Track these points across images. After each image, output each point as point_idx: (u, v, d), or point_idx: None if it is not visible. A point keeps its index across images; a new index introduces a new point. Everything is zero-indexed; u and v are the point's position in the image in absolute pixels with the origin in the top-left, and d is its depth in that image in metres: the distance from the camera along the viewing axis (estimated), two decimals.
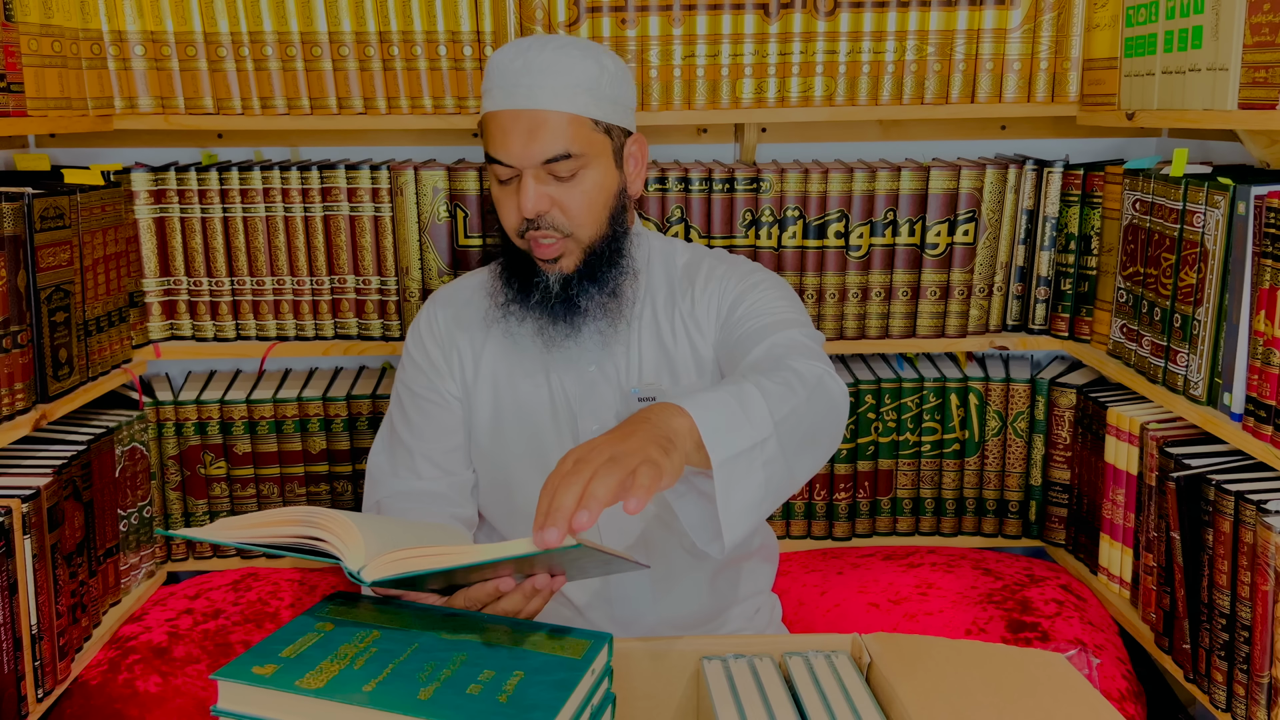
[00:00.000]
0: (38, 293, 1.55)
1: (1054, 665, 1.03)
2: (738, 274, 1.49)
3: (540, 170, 1.34)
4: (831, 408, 1.23)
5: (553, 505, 0.93)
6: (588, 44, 1.40)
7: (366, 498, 1.54)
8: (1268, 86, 1.39)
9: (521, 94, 1.34)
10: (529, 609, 1.08)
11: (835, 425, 1.25)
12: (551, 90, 1.33)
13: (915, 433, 2.04)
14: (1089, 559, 1.93)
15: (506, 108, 1.35)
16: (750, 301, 1.44)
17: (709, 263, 1.52)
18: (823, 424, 1.22)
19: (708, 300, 1.48)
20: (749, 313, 1.42)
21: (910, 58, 1.90)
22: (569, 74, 1.34)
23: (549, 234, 1.37)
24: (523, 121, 1.34)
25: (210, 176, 1.92)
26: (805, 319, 1.44)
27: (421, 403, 1.51)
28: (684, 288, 1.50)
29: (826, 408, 1.23)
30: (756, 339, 1.35)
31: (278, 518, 0.99)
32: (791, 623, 1.84)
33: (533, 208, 1.34)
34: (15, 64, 1.60)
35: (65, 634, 1.62)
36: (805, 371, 1.22)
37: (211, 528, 1.00)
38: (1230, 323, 1.50)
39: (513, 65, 1.35)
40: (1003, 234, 1.96)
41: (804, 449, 1.19)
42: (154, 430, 1.98)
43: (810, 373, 1.23)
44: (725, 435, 1.08)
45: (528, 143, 1.33)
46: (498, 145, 1.36)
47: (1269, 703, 1.43)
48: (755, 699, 0.97)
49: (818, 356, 1.30)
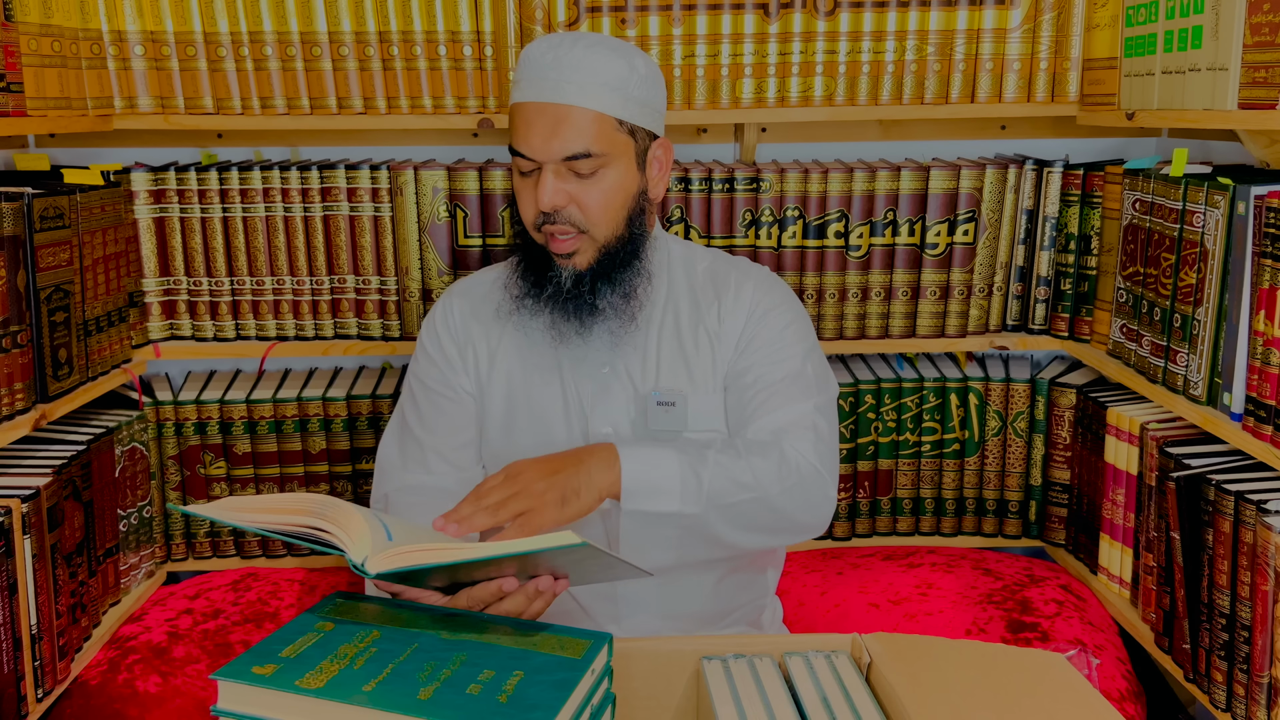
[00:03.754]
0: (37, 293, 1.55)
1: (1054, 665, 1.03)
2: (767, 301, 1.49)
3: (560, 166, 1.34)
4: (805, 498, 1.37)
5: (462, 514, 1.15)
6: (621, 44, 1.40)
7: (375, 490, 1.53)
8: (1268, 86, 1.39)
9: (548, 87, 1.34)
10: (531, 610, 1.08)
11: (808, 508, 1.38)
12: (578, 86, 1.33)
13: (915, 433, 2.04)
14: (1089, 559, 1.93)
15: (532, 100, 1.35)
16: (772, 345, 1.46)
17: (736, 277, 1.51)
18: (789, 511, 1.36)
19: (736, 317, 1.48)
20: (767, 358, 1.45)
21: (910, 58, 1.90)
22: (597, 72, 1.34)
23: (565, 229, 1.37)
24: (547, 115, 1.33)
25: (210, 176, 1.92)
26: (822, 368, 1.49)
27: (434, 397, 1.50)
28: (709, 298, 1.50)
29: (798, 498, 1.36)
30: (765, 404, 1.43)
31: (290, 505, 1.00)
32: (792, 623, 1.84)
33: (549, 202, 1.35)
34: (15, 64, 1.60)
35: (65, 634, 1.62)
36: (790, 458, 1.36)
37: (222, 505, 1.01)
38: (1230, 323, 1.50)
39: (543, 59, 1.35)
40: (1002, 234, 1.96)
41: (750, 531, 1.35)
42: (154, 430, 1.98)
43: (799, 465, 1.36)
44: (644, 498, 1.28)
45: (549, 137, 1.33)
46: (520, 137, 1.36)
47: (1269, 703, 1.43)
48: (755, 699, 0.97)
49: (820, 438, 1.41)
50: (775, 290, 1.52)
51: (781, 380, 1.43)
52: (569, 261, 1.40)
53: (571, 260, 1.40)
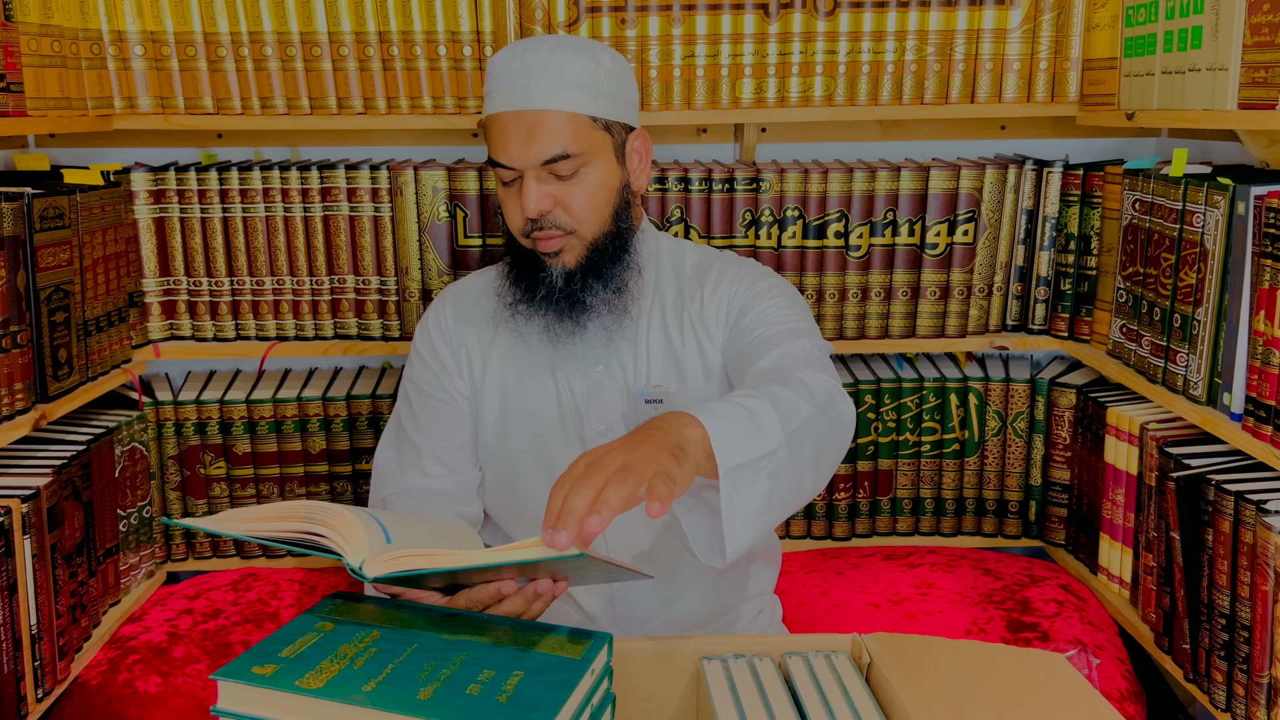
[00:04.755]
0: (37, 293, 1.55)
1: (1054, 665, 1.03)
2: (748, 279, 1.48)
3: (541, 171, 1.35)
4: (839, 424, 1.23)
5: (565, 508, 0.93)
6: (584, 42, 1.40)
7: (372, 494, 1.54)
8: (1267, 86, 1.39)
9: (519, 95, 1.34)
10: (531, 611, 1.08)
11: (841, 441, 1.25)
12: (548, 90, 1.34)
13: (915, 433, 2.04)
14: (1089, 559, 1.93)
15: (505, 109, 1.35)
16: (759, 309, 1.43)
17: (718, 265, 1.51)
18: (830, 438, 1.22)
19: (716, 304, 1.47)
20: (758, 320, 1.42)
21: (910, 58, 1.90)
22: (565, 73, 1.34)
23: (553, 232, 1.37)
24: (521, 123, 1.34)
25: (210, 176, 1.92)
26: (814, 328, 1.44)
27: (429, 401, 1.51)
28: (693, 290, 1.49)
29: (834, 423, 1.22)
30: (765, 348, 1.35)
31: (282, 512, 1.00)
32: (791, 623, 1.84)
33: (535, 208, 1.35)
34: (15, 64, 1.60)
35: (65, 634, 1.62)
36: (815, 386, 1.22)
37: (216, 519, 1.01)
38: (1230, 323, 1.50)
39: (510, 67, 1.35)
40: (1002, 234, 1.96)
41: (811, 462, 1.18)
42: (154, 430, 1.98)
43: (820, 388, 1.22)
44: (735, 446, 1.08)
45: (526, 144, 1.34)
46: (498, 148, 1.36)
47: (1269, 703, 1.43)
48: (755, 699, 0.97)
49: (826, 370, 1.30)
50: (767, 276, 1.50)
51: (780, 333, 1.38)
52: (558, 260, 1.40)
53: (560, 259, 1.40)
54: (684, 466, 1.01)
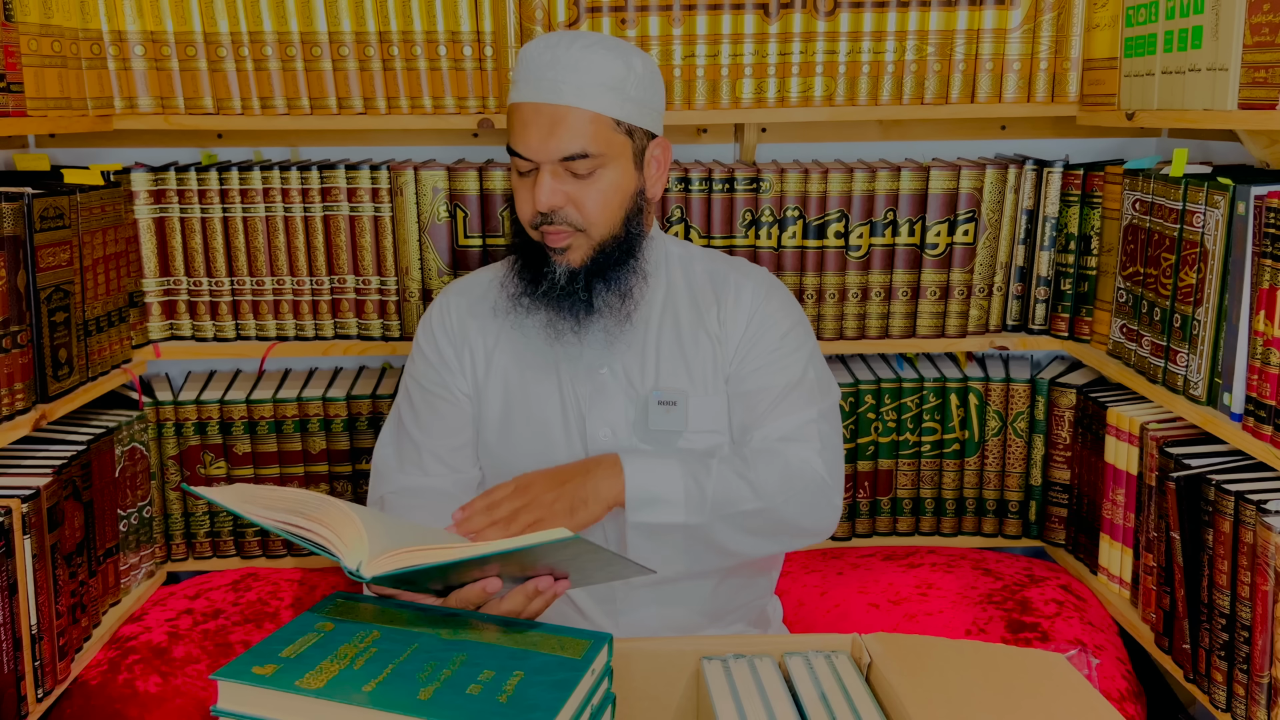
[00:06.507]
0: (37, 293, 1.55)
1: (1054, 665, 1.03)
2: (767, 306, 1.49)
3: (557, 166, 1.35)
4: (811, 505, 1.40)
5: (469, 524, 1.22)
6: (619, 43, 1.39)
7: (371, 492, 1.53)
8: (1268, 86, 1.39)
9: (546, 88, 1.34)
10: (530, 610, 1.08)
11: (813, 514, 1.41)
12: (575, 87, 1.33)
13: (915, 433, 2.04)
14: (1089, 559, 1.93)
15: (530, 100, 1.35)
16: (776, 349, 1.46)
17: (735, 279, 1.51)
18: (794, 519, 1.39)
19: (736, 324, 1.48)
20: (769, 365, 1.45)
21: (910, 58, 1.90)
22: (594, 72, 1.34)
23: (562, 227, 1.38)
24: (544, 116, 1.33)
25: (210, 176, 1.92)
26: (822, 376, 1.49)
27: (430, 398, 1.50)
28: (709, 300, 1.49)
29: (804, 505, 1.39)
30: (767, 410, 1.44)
31: (289, 502, 1.01)
32: (791, 623, 1.84)
33: (547, 203, 1.35)
34: (15, 64, 1.60)
35: (65, 634, 1.62)
36: (795, 466, 1.38)
37: (231, 491, 1.04)
38: (1230, 323, 1.50)
39: (541, 58, 1.35)
40: (1002, 234, 1.96)
41: (756, 538, 1.38)
42: (154, 430, 1.98)
43: (804, 473, 1.38)
44: (650, 507, 1.32)
45: (546, 138, 1.33)
46: (518, 137, 1.36)
47: (1269, 703, 1.43)
48: (755, 699, 0.97)
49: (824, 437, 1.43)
50: (775, 294, 1.51)
51: (784, 388, 1.44)
52: (564, 258, 1.40)
53: (566, 256, 1.39)
54: (576, 518, 1.28)
